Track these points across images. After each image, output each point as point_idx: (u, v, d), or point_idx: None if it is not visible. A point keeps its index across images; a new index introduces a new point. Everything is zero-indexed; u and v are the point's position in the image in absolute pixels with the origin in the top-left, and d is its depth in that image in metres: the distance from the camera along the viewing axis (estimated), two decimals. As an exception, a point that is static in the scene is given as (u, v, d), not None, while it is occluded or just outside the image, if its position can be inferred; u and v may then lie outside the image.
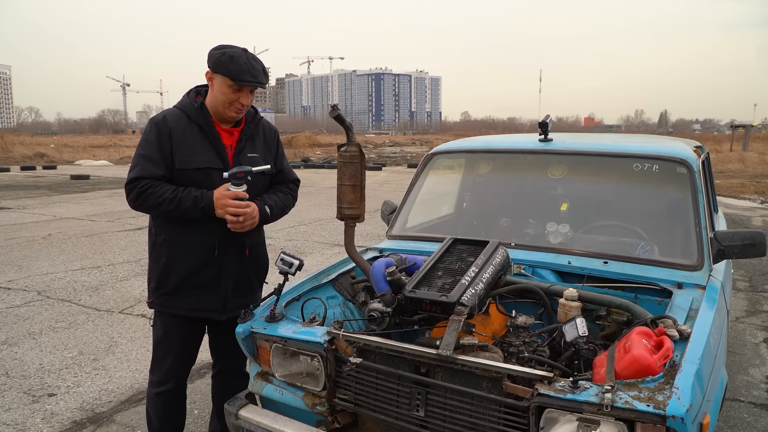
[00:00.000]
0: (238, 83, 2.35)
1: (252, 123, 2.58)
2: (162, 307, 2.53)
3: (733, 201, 13.71)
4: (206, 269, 2.47)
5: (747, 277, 6.70)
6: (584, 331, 1.84)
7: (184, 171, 2.38)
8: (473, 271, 2.13)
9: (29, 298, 5.86)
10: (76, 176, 20.15)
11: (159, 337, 2.58)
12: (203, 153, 2.42)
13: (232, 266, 2.52)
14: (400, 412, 1.98)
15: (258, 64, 2.41)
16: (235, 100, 2.40)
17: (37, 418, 3.46)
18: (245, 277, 2.60)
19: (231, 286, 2.54)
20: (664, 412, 1.51)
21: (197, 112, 2.44)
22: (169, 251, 2.46)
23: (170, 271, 2.46)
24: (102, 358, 4.35)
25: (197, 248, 2.44)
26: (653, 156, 2.87)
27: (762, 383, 3.93)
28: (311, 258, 7.55)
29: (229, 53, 2.35)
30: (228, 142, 2.49)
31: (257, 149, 2.57)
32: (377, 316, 2.21)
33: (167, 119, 2.42)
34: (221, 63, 2.35)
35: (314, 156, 32.31)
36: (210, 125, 2.44)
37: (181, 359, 2.61)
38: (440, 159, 3.54)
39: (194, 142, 2.41)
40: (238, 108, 2.43)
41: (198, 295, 2.49)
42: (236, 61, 2.34)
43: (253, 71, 2.37)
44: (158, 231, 2.49)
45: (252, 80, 2.37)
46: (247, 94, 2.42)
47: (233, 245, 2.50)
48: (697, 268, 2.48)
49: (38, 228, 9.94)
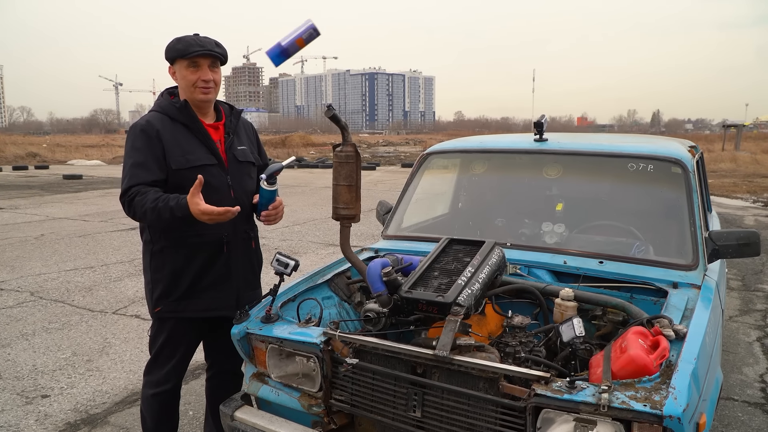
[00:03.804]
0: (188, 58, 2.33)
1: (232, 116, 2.57)
2: (173, 312, 2.48)
3: (725, 200, 13.77)
4: (216, 266, 2.46)
5: (740, 276, 6.74)
6: (581, 331, 1.84)
7: (180, 171, 2.34)
8: (469, 272, 2.13)
9: (22, 298, 5.83)
10: (69, 176, 20.06)
11: (164, 341, 2.53)
12: (195, 151, 2.40)
13: (240, 260, 2.53)
14: (396, 412, 1.97)
15: (208, 39, 2.39)
16: (197, 80, 2.37)
17: (30, 419, 3.44)
18: (252, 271, 2.63)
19: (242, 281, 2.55)
20: (661, 412, 1.51)
21: (180, 111, 2.41)
22: (174, 257, 2.42)
23: (179, 277, 2.43)
24: (96, 359, 4.32)
25: (202, 248, 2.43)
26: (648, 156, 2.88)
27: (756, 382, 3.95)
28: (306, 258, 7.53)
29: (177, 38, 2.38)
30: (216, 137, 2.48)
31: (243, 142, 2.58)
32: (373, 316, 2.21)
33: (151, 122, 2.38)
34: (170, 48, 2.37)
35: (308, 156, 32.26)
36: (197, 122, 2.42)
37: (183, 361, 2.60)
38: (435, 159, 3.54)
39: (184, 141, 2.39)
40: (203, 87, 2.39)
41: (211, 295, 2.48)
42: (182, 39, 2.36)
43: (200, 42, 2.35)
44: (155, 239, 2.44)
45: (200, 50, 2.33)
46: (206, 69, 2.37)
47: (239, 239, 2.52)
48: (692, 267, 2.49)
49: (31, 228, 9.88)
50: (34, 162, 28.02)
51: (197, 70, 2.36)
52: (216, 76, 2.42)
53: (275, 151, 35.78)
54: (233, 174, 2.48)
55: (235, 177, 2.48)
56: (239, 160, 2.51)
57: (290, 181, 18.62)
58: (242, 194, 2.50)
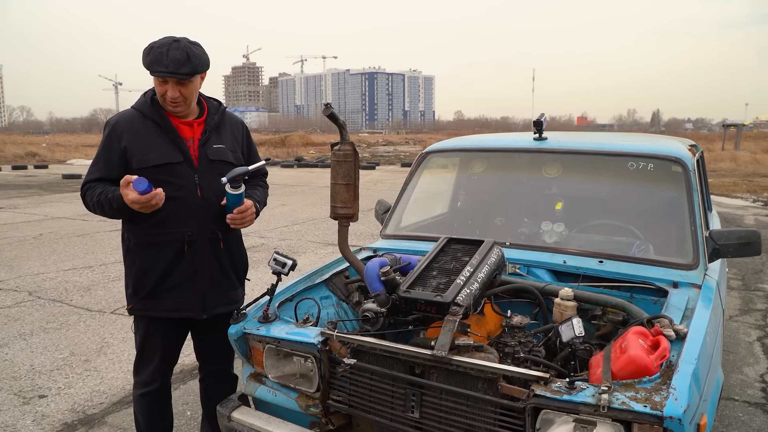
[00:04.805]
0: (152, 75, 2.30)
1: (215, 114, 2.53)
2: (142, 311, 2.49)
3: (725, 200, 13.76)
4: (179, 267, 2.42)
5: (740, 276, 6.72)
6: (581, 331, 1.83)
7: (143, 170, 2.31)
8: (468, 271, 2.11)
9: (20, 298, 5.81)
10: (68, 175, 20.02)
11: (143, 340, 2.54)
12: (160, 149, 2.36)
13: (206, 261, 2.47)
14: (394, 413, 1.96)
15: (178, 52, 2.24)
16: (164, 93, 2.33)
17: (27, 420, 3.42)
18: (223, 272, 2.54)
19: (209, 283, 2.48)
20: (662, 413, 1.50)
21: (150, 109, 2.40)
22: (142, 254, 2.42)
23: (145, 274, 2.42)
24: (93, 359, 4.31)
25: (166, 247, 2.40)
26: (648, 155, 2.86)
27: (756, 382, 3.93)
28: (304, 257, 7.52)
29: (151, 45, 2.30)
30: (190, 134, 2.44)
31: (223, 140, 2.52)
32: (371, 316, 2.19)
33: (120, 122, 2.39)
34: (143, 57, 2.30)
35: (307, 155, 32.24)
36: (165, 120, 2.39)
37: (166, 360, 2.58)
38: (434, 158, 3.52)
39: (150, 138, 2.36)
40: (170, 102, 2.35)
41: (176, 295, 2.45)
42: (152, 52, 2.27)
43: (165, 61, 2.23)
44: (129, 236, 2.45)
45: (161, 71, 2.23)
46: (173, 86, 2.30)
47: (205, 239, 2.45)
48: (692, 267, 2.47)
49: (29, 228, 9.87)
50: (33, 161, 27.98)
51: (164, 85, 2.31)
52: (186, 91, 2.33)
53: (275, 150, 35.77)
54: (202, 172, 2.42)
55: (204, 176, 2.43)
56: (210, 159, 2.45)
57: (290, 180, 18.61)
58: (211, 194, 2.44)
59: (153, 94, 2.43)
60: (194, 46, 2.32)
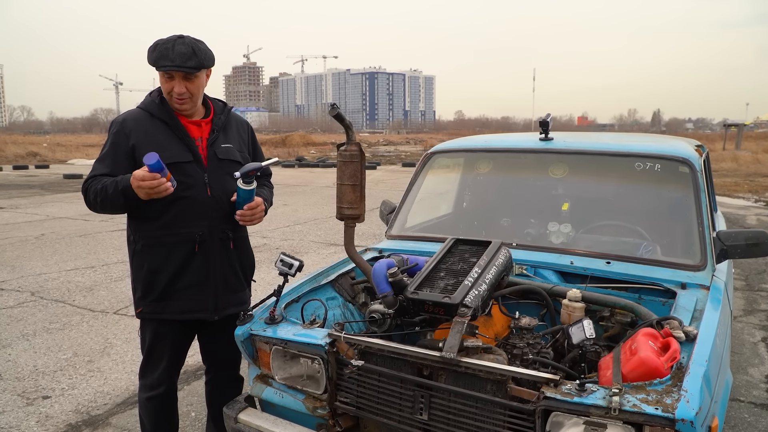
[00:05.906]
0: (159, 70, 2.30)
1: (222, 114, 2.53)
2: (152, 314, 2.46)
3: (727, 200, 13.74)
4: (191, 267, 2.41)
5: (743, 276, 6.71)
6: (591, 333, 1.81)
7: None
8: (476, 272, 2.10)
9: (22, 298, 5.80)
10: (69, 175, 20.02)
11: (151, 343, 2.51)
12: (170, 148, 2.35)
13: (217, 261, 2.46)
14: (402, 415, 1.95)
15: (184, 47, 2.26)
16: (170, 90, 2.33)
17: (31, 421, 3.41)
18: (233, 273, 2.54)
19: (220, 283, 2.47)
20: (674, 416, 1.49)
21: (159, 108, 2.39)
22: (151, 256, 2.40)
23: (155, 277, 2.40)
24: (97, 360, 4.30)
25: (177, 247, 2.38)
26: (655, 155, 2.85)
27: (762, 383, 3.92)
28: (307, 258, 7.51)
29: (156, 42, 2.31)
30: (198, 134, 2.44)
31: (231, 140, 2.52)
32: (378, 317, 2.18)
33: (127, 121, 2.38)
34: (148, 53, 2.31)
35: (308, 155, 32.23)
36: (174, 119, 2.39)
37: (173, 363, 2.56)
38: (439, 158, 3.51)
39: (160, 138, 2.36)
40: (176, 98, 2.35)
41: (188, 296, 2.43)
42: (158, 47, 2.28)
43: (171, 56, 2.25)
44: (136, 238, 2.43)
45: (168, 65, 2.25)
46: (180, 81, 2.31)
47: (216, 239, 2.44)
48: (700, 268, 2.46)
49: (31, 228, 9.86)
50: (34, 161, 27.98)
51: (171, 81, 2.32)
52: (192, 86, 2.34)
53: (275, 150, 35.75)
54: (211, 172, 2.42)
55: (213, 175, 2.42)
56: (219, 158, 2.45)
57: (291, 180, 18.60)
58: (221, 192, 2.43)
59: (159, 94, 2.43)
60: (199, 42, 2.34)
